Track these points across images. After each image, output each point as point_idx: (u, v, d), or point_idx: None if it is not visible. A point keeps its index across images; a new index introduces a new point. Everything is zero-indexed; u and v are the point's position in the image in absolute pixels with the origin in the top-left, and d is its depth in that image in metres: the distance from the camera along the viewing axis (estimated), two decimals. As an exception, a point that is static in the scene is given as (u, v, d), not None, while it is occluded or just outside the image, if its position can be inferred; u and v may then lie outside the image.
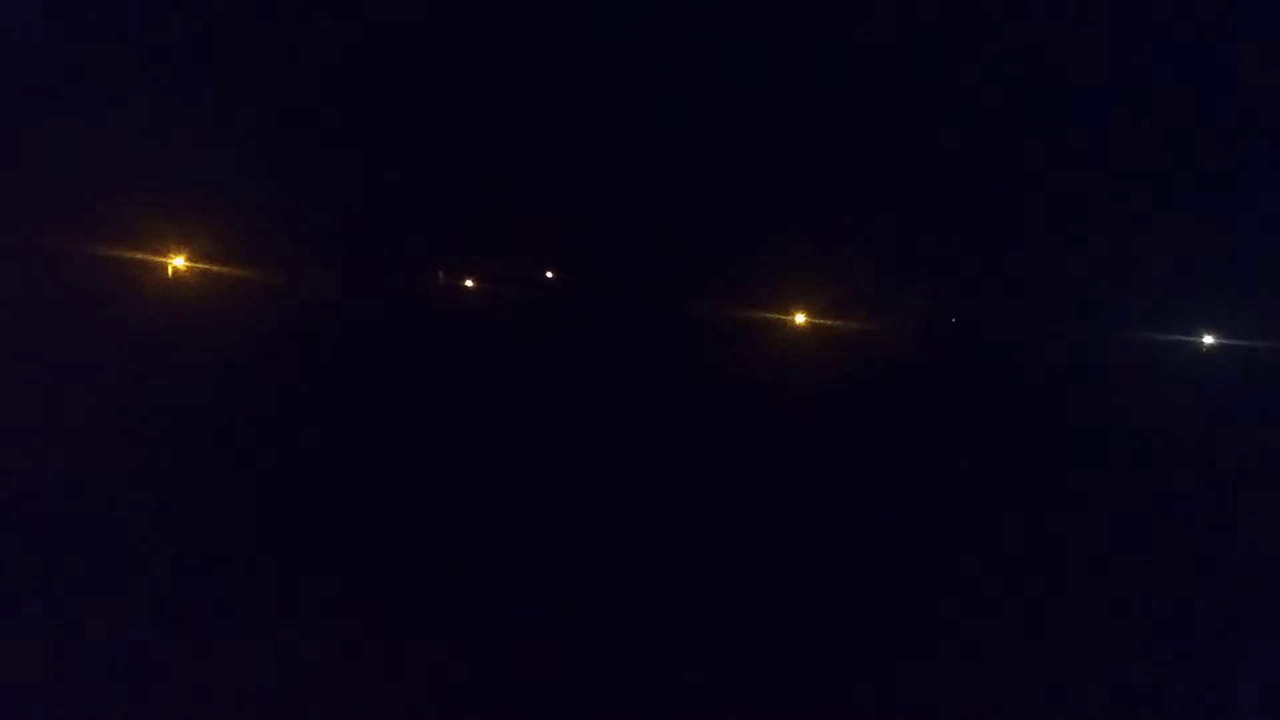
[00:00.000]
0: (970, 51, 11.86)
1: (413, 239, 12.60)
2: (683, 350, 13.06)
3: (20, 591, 9.17)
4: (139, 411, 11.08)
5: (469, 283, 12.95)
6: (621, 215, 12.73)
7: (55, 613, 9.11)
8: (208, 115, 11.31)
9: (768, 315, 12.91)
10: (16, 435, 10.36)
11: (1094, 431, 11.94)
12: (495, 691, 9.35)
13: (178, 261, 11.63)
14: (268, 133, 11.63)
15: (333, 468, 11.36)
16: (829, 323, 12.85)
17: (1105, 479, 11.61)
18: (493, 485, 11.47)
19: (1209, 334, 12.06)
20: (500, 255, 12.86)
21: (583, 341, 12.90)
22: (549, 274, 12.98)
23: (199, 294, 11.61)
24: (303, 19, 11.58)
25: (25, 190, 10.92)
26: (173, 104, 11.22)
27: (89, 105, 11.11)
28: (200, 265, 11.68)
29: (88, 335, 11.01)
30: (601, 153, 12.60)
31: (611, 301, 12.85)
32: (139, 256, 11.39)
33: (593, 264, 12.93)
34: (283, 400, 11.64)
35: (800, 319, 12.95)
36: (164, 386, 11.24)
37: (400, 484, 11.34)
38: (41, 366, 10.81)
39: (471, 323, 12.76)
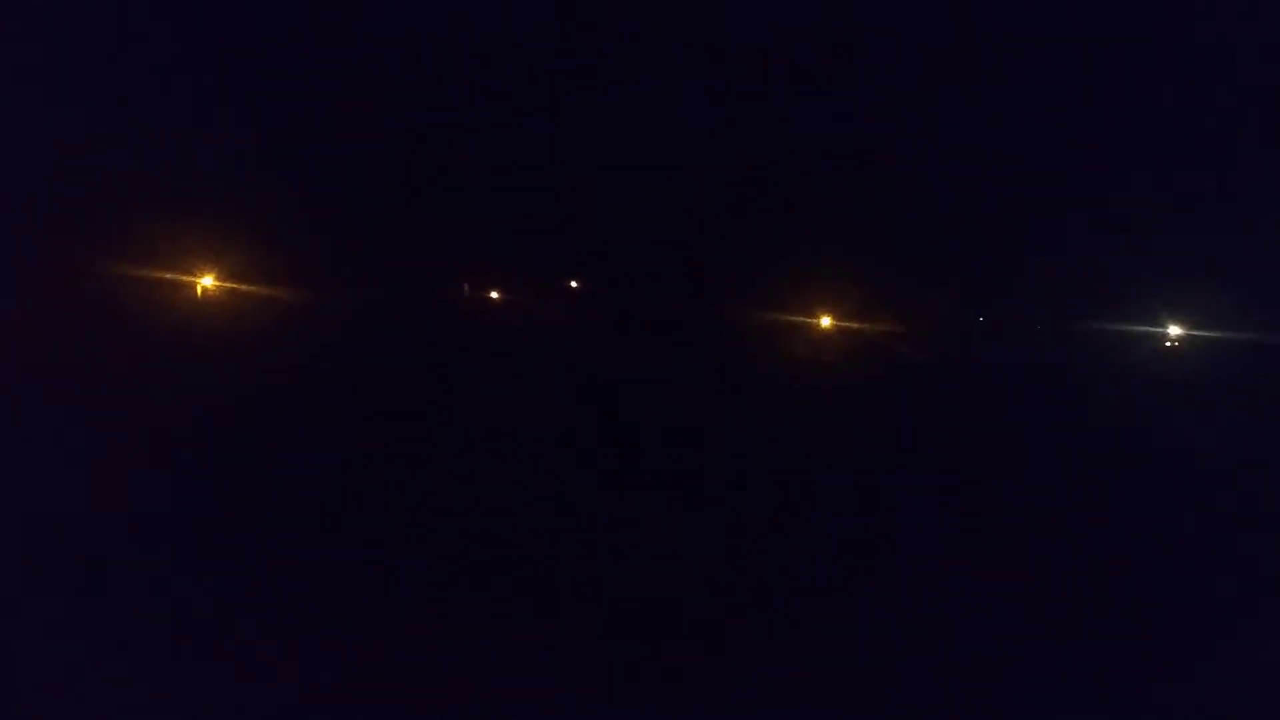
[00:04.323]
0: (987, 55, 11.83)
1: (438, 254, 12.74)
2: (705, 354, 13.12)
3: (54, 603, 9.32)
4: (173, 424, 11.28)
5: (494, 294, 13.10)
6: (642, 224, 12.79)
7: (91, 625, 9.25)
8: (234, 139, 11.50)
9: (792, 319, 12.94)
10: (50, 448, 10.59)
11: (1126, 430, 11.85)
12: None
13: (206, 281, 11.88)
14: (292, 154, 11.81)
15: (361, 478, 11.48)
16: (854, 325, 12.85)
17: (1136, 476, 11.52)
18: (517, 490, 11.54)
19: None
20: (524, 266, 12.99)
21: (606, 348, 13.01)
22: (572, 283, 13.09)
23: (228, 312, 11.84)
24: (327, 40, 11.74)
25: (59, 213, 11.19)
26: (198, 127, 11.43)
27: (119, 131, 11.34)
28: (229, 284, 11.93)
29: (121, 352, 11.25)
30: (622, 163, 12.68)
31: (634, 308, 12.94)
32: (170, 277, 11.66)
33: (615, 273, 13.03)
34: (312, 413, 11.81)
35: (825, 322, 12.96)
36: (197, 401, 11.42)
37: (425, 491, 11.44)
38: (77, 383, 11.05)
39: (498, 332, 12.90)
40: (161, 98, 11.30)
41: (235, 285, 11.90)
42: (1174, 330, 12.13)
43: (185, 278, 11.71)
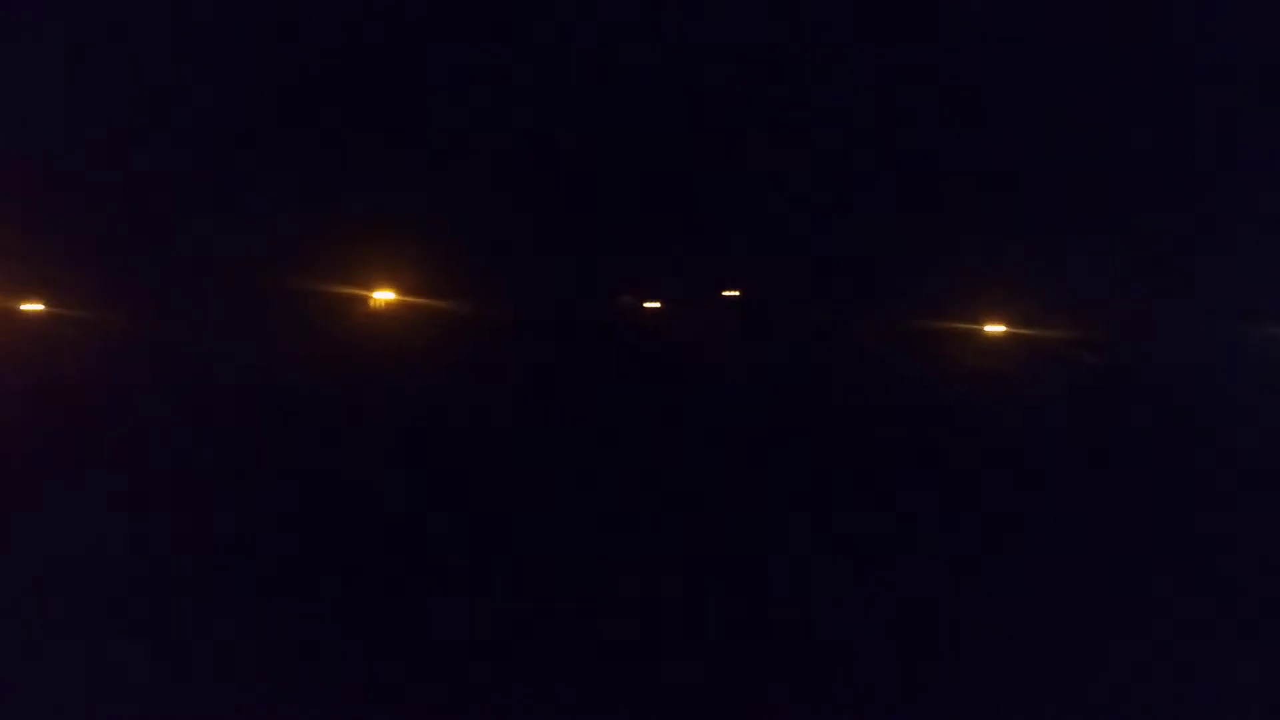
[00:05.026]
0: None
1: (599, 267, 13.13)
2: (875, 364, 12.96)
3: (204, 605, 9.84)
4: (354, 428, 12.04)
5: (655, 304, 13.38)
6: (805, 233, 12.81)
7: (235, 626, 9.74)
8: (399, 166, 12.25)
9: (961, 326, 12.68)
10: (235, 448, 11.50)
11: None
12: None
13: (382, 295, 12.66)
14: (457, 178, 12.45)
15: (530, 485, 11.83)
16: (1017, 331, 12.44)
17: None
18: (676, 498, 11.65)
19: None
20: (682, 277, 13.22)
21: (771, 359, 13.06)
22: (731, 292, 13.21)
23: (401, 324, 12.61)
24: (484, 52, 12.29)
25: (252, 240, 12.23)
26: (353, 147, 12.25)
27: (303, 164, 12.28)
28: (403, 298, 12.68)
29: (303, 358, 12.21)
30: (787, 170, 12.72)
31: (791, 317, 12.96)
32: (347, 291, 12.54)
33: (769, 282, 13.09)
34: (482, 421, 12.33)
35: (996, 328, 12.63)
36: (373, 408, 12.17)
37: (591, 497, 11.69)
38: (265, 389, 12.02)
39: (659, 342, 13.15)
40: (320, 119, 12.14)
41: (408, 299, 12.66)
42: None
43: (360, 293, 12.53)
